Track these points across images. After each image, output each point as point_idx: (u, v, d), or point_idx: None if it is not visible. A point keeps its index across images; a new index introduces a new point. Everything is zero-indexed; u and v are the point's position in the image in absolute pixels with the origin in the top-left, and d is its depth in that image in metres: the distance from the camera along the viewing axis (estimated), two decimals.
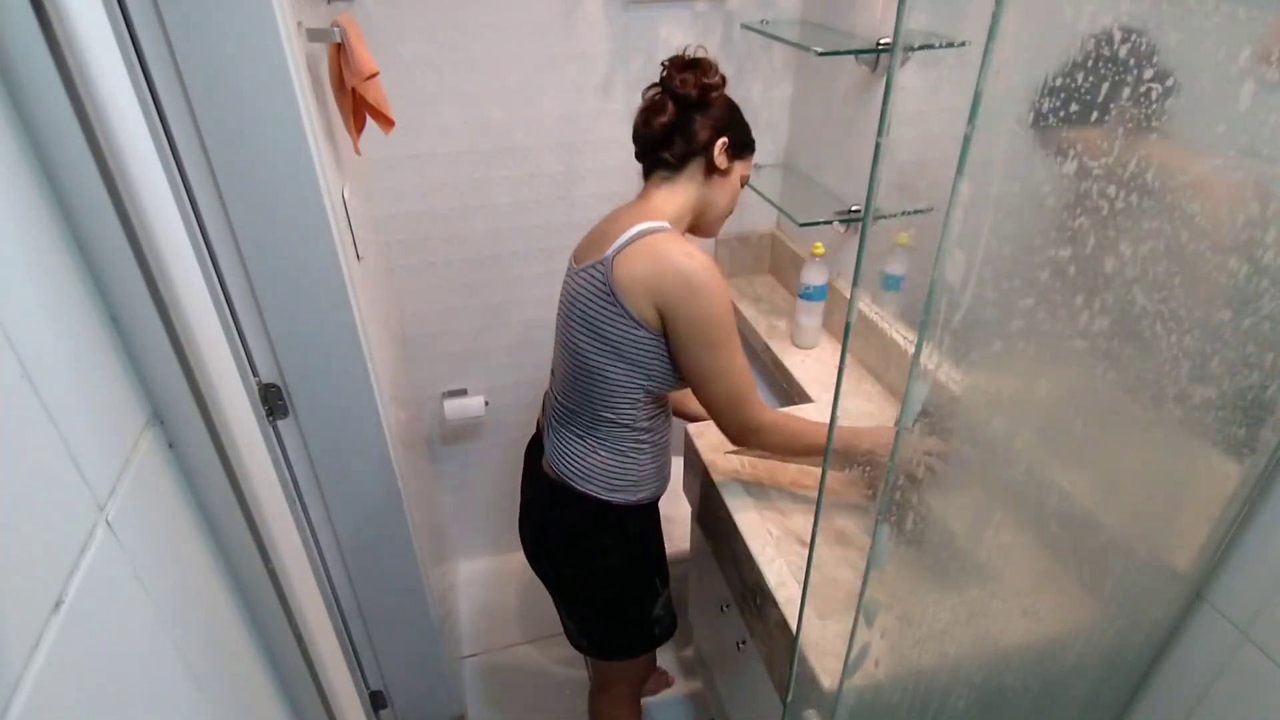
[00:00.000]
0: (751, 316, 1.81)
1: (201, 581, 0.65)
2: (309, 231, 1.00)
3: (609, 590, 1.29)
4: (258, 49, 0.87)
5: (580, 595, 1.32)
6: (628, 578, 1.29)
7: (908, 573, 0.71)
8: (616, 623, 1.33)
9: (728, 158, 1.15)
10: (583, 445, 1.19)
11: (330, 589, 1.35)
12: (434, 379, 1.92)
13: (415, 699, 1.61)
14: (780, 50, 1.70)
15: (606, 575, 1.28)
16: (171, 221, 0.57)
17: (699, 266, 1.05)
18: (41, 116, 0.50)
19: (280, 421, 1.15)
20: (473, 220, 1.73)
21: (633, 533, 1.26)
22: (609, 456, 1.18)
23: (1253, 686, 0.82)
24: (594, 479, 1.19)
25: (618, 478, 1.19)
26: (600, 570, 1.27)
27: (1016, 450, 0.70)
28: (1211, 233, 0.62)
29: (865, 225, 0.57)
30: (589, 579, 1.29)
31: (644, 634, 1.34)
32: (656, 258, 1.05)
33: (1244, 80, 0.56)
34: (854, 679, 0.76)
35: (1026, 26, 0.46)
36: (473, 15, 1.51)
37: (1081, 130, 0.54)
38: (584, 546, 1.25)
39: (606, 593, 1.29)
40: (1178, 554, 0.85)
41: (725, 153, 1.14)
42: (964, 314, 0.54)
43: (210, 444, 0.64)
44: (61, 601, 0.44)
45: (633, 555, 1.28)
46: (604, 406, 1.15)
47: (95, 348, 0.54)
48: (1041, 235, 0.58)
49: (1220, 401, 0.73)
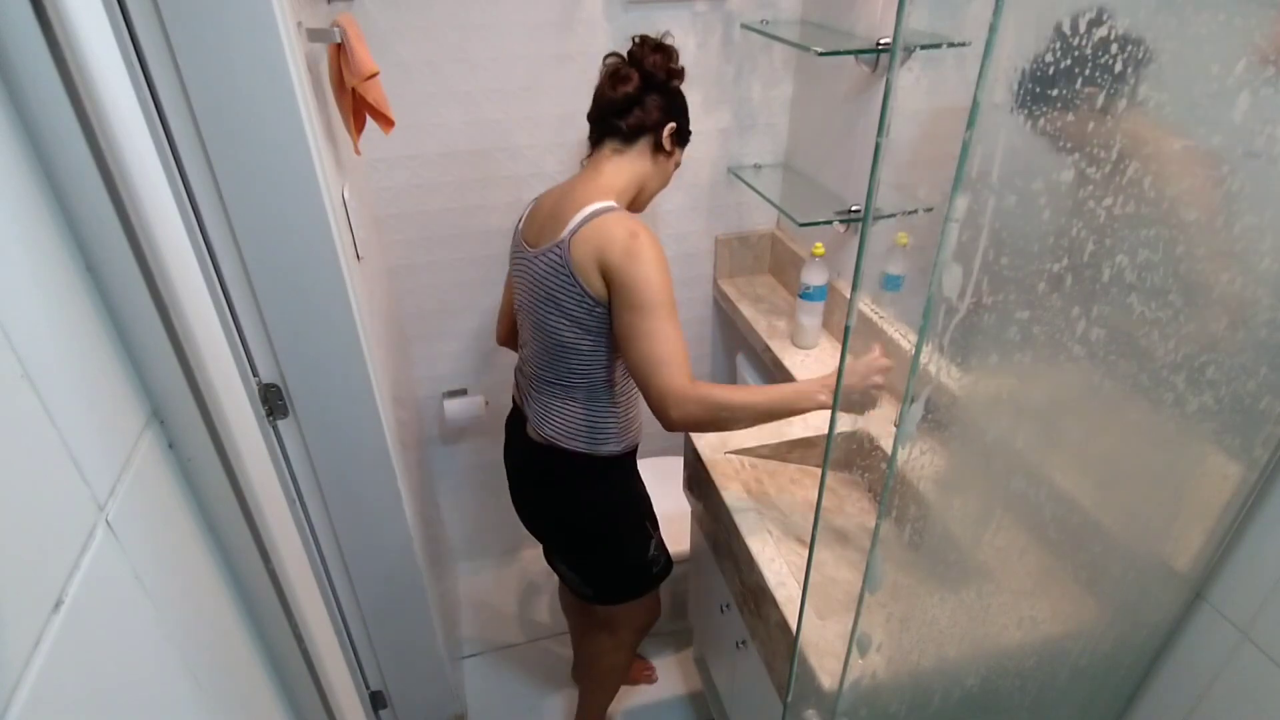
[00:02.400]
0: (751, 316, 1.81)
1: (201, 581, 0.65)
2: (309, 231, 1.00)
3: (608, 534, 1.39)
4: (258, 49, 0.87)
5: (583, 544, 1.40)
6: (622, 521, 1.39)
7: (908, 573, 0.71)
8: (618, 565, 1.42)
9: (672, 142, 1.25)
10: (564, 408, 1.28)
11: (330, 589, 1.35)
12: (434, 379, 1.92)
13: (415, 699, 1.61)
14: (780, 50, 1.70)
15: (603, 521, 1.37)
16: (171, 221, 0.57)
17: (637, 236, 1.11)
18: (41, 116, 0.50)
19: (280, 421, 1.15)
20: (472, 220, 1.73)
21: (619, 480, 1.37)
22: (589, 414, 1.28)
23: (1253, 686, 0.82)
24: (579, 436, 1.28)
25: (600, 432, 1.29)
26: (598, 517, 1.37)
27: (1017, 452, 0.70)
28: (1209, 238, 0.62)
29: (865, 225, 0.58)
30: (589, 526, 1.37)
31: (644, 574, 1.43)
32: (603, 232, 1.12)
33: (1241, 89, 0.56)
34: (854, 678, 0.76)
35: (1026, 30, 0.46)
36: (473, 15, 1.51)
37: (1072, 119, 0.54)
38: (582, 498, 1.35)
39: (606, 537, 1.39)
40: (1178, 554, 0.85)
41: (671, 137, 1.24)
42: (962, 320, 0.54)
43: (210, 444, 0.64)
44: (61, 601, 0.44)
45: (623, 500, 1.38)
46: (578, 372, 1.24)
47: (95, 348, 0.54)
48: (1040, 243, 0.58)
49: (1218, 404, 0.73)
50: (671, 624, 2.02)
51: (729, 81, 1.71)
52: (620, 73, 1.21)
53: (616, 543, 1.40)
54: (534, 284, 1.22)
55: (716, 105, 1.74)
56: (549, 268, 1.18)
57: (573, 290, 1.16)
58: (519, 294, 1.30)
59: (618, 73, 1.21)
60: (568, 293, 1.16)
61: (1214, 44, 0.56)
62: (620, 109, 1.21)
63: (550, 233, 1.19)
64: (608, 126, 1.23)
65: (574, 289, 1.15)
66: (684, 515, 1.72)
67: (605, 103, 1.22)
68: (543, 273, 1.19)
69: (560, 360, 1.24)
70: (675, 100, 1.24)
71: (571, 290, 1.16)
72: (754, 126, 1.79)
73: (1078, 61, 0.51)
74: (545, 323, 1.22)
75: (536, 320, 1.24)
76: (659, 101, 1.21)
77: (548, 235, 1.19)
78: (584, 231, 1.14)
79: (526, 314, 1.28)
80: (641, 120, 1.21)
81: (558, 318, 1.20)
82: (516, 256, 1.29)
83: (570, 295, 1.16)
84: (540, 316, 1.23)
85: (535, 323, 1.25)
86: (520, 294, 1.29)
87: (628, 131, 1.21)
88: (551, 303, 1.19)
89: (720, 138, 1.78)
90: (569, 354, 1.23)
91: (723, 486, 1.27)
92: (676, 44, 1.24)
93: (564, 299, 1.17)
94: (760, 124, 1.79)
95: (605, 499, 1.36)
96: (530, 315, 1.26)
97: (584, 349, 1.21)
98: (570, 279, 1.15)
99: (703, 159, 1.80)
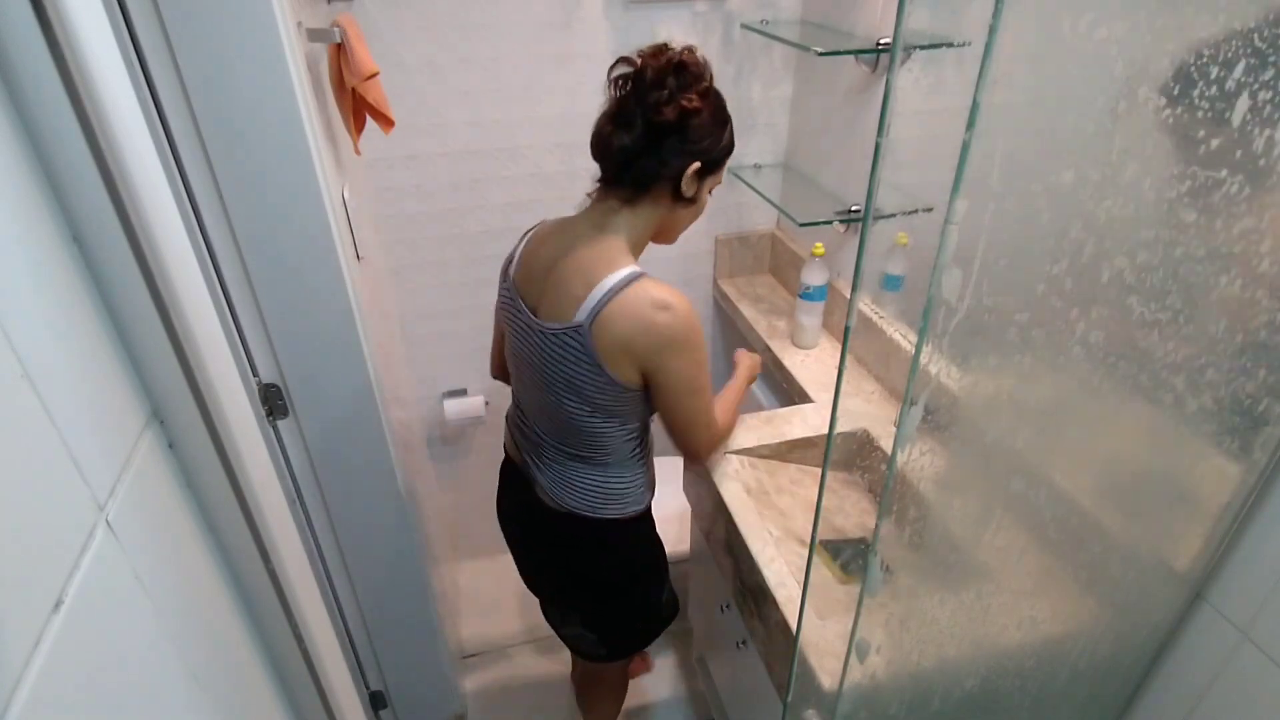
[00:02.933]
0: (751, 316, 1.81)
1: (201, 581, 0.65)
2: (309, 231, 1.00)
3: (633, 594, 1.31)
4: (258, 49, 0.87)
5: (610, 609, 1.33)
6: (648, 577, 1.32)
7: (908, 574, 0.71)
8: (637, 616, 1.35)
9: (697, 181, 1.02)
10: (585, 477, 1.17)
11: (330, 589, 1.35)
12: (434, 379, 1.92)
13: (415, 699, 1.61)
14: (780, 50, 1.70)
15: (631, 582, 1.30)
16: (171, 221, 0.57)
17: (680, 321, 0.99)
18: (41, 116, 0.50)
19: (280, 421, 1.15)
20: (472, 220, 1.73)
21: (645, 532, 1.28)
22: (618, 482, 1.18)
23: (1253, 686, 0.82)
24: (609, 504, 1.19)
25: (627, 495, 1.20)
26: (627, 580, 1.29)
27: (1017, 452, 0.70)
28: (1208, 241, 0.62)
29: (865, 225, 0.58)
30: (617, 591, 1.30)
31: (657, 621, 1.37)
32: (632, 318, 0.98)
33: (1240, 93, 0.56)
34: (854, 678, 0.76)
35: (1025, 34, 0.46)
36: (473, 15, 1.51)
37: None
38: (607, 564, 1.26)
39: (629, 591, 1.31)
40: (1178, 554, 0.85)
41: (695, 176, 1.01)
42: (962, 321, 0.54)
43: (210, 444, 0.64)
44: (61, 601, 0.44)
45: (650, 555, 1.30)
46: (599, 447, 1.14)
47: (95, 348, 0.54)
48: (1040, 245, 0.58)
49: (1218, 405, 0.73)
50: (671, 624, 2.02)
51: (729, 81, 1.71)
52: (621, 116, 0.98)
53: (641, 595, 1.32)
54: (544, 361, 1.07)
55: None
56: (566, 352, 1.03)
57: (599, 379, 1.02)
58: (518, 355, 1.14)
59: (618, 116, 0.99)
60: (592, 382, 1.03)
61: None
62: (622, 164, 1.01)
63: (560, 307, 1.02)
64: (613, 176, 1.04)
65: (600, 378, 1.02)
66: (684, 515, 1.72)
67: (601, 149, 1.03)
68: (556, 354, 1.04)
69: (577, 438, 1.13)
70: (701, 134, 0.99)
71: (598, 379, 1.03)
72: (754, 126, 1.79)
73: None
74: (561, 405, 1.08)
75: (548, 398, 1.10)
76: (676, 146, 0.98)
77: (557, 309, 1.03)
78: (608, 315, 0.98)
79: (530, 385, 1.13)
80: (653, 173, 1.00)
81: (577, 403, 1.07)
82: (512, 311, 1.12)
83: (595, 384, 1.03)
84: (554, 396, 1.08)
85: (545, 401, 1.11)
86: (520, 360, 1.13)
87: (635, 184, 1.02)
88: (569, 388, 1.05)
89: None
90: (585, 432, 1.11)
91: (723, 486, 1.27)
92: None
93: (586, 386, 1.04)
94: (760, 124, 1.79)
95: (632, 554, 1.28)
96: (536, 389, 1.12)
97: (609, 430, 1.11)
98: (596, 368, 1.01)
99: None
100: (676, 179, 1.01)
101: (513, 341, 1.15)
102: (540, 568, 1.36)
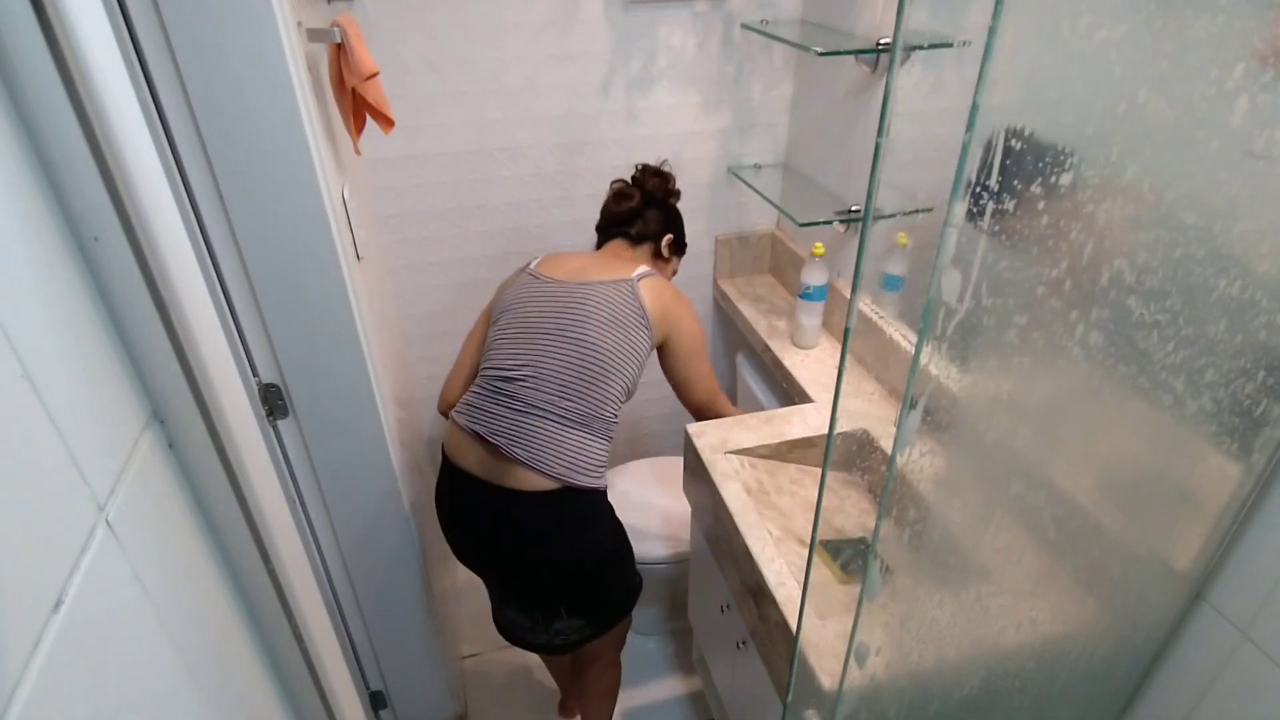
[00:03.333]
0: (751, 316, 1.81)
1: (201, 581, 0.65)
2: (309, 231, 1.00)
3: (613, 565, 1.37)
4: (258, 49, 0.87)
5: (595, 583, 1.35)
6: (622, 546, 1.38)
7: (908, 575, 0.71)
8: (621, 590, 1.41)
9: (670, 249, 1.49)
10: (581, 442, 1.25)
11: (330, 589, 1.35)
12: (434, 379, 1.91)
13: (415, 699, 1.61)
14: (780, 50, 1.70)
15: (612, 552, 1.35)
16: (171, 221, 0.57)
17: (686, 302, 1.39)
18: (41, 116, 0.50)
19: (280, 421, 1.15)
20: (473, 220, 1.73)
21: (610, 509, 1.35)
22: (600, 447, 1.28)
23: (1253, 686, 0.82)
24: (591, 470, 1.26)
25: (599, 465, 1.29)
26: (608, 550, 1.34)
27: (1017, 453, 0.70)
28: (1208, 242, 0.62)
29: (865, 225, 0.58)
30: (598, 564, 1.33)
31: (635, 585, 1.44)
32: (662, 290, 1.35)
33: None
34: (854, 679, 0.76)
35: (1025, 36, 0.46)
36: (473, 15, 1.51)
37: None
38: (591, 535, 1.30)
39: (611, 569, 1.37)
40: (1178, 555, 0.85)
41: (669, 246, 1.48)
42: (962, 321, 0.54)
43: (210, 444, 0.64)
44: (61, 601, 0.44)
45: (619, 528, 1.37)
46: (603, 402, 1.26)
47: (95, 348, 0.54)
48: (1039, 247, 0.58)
49: (1217, 406, 0.73)
50: (671, 624, 2.02)
51: (729, 81, 1.71)
52: (624, 192, 1.46)
53: (622, 569, 1.39)
54: (588, 307, 1.28)
55: (716, 105, 1.74)
56: (618, 296, 1.30)
57: (642, 323, 1.30)
58: (539, 317, 1.30)
59: (622, 193, 1.46)
60: (637, 323, 1.30)
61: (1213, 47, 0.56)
62: (625, 220, 1.44)
63: (601, 273, 1.33)
64: (617, 230, 1.45)
65: (643, 321, 1.30)
66: (684, 515, 1.72)
67: (612, 216, 1.46)
68: (603, 300, 1.29)
69: (593, 386, 1.25)
70: (672, 216, 1.49)
71: (641, 322, 1.30)
72: (754, 126, 1.79)
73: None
74: (600, 342, 1.26)
75: (580, 340, 1.25)
76: (658, 215, 1.46)
77: (599, 274, 1.33)
78: (649, 284, 1.33)
79: (551, 337, 1.26)
80: (644, 230, 1.45)
81: (619, 338, 1.27)
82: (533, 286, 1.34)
83: (638, 325, 1.30)
84: (593, 335, 1.26)
85: (572, 344, 1.25)
86: (544, 319, 1.29)
87: (634, 236, 1.44)
88: (617, 325, 1.28)
89: (720, 138, 1.78)
90: (608, 379, 1.26)
91: (723, 486, 1.27)
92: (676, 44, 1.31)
93: (631, 326, 1.29)
94: (760, 124, 1.79)
95: (613, 520, 1.34)
96: (559, 337, 1.26)
97: (621, 376, 1.28)
98: (641, 313, 1.30)
99: (703, 159, 1.80)
100: (658, 241, 1.47)
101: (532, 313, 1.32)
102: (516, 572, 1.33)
